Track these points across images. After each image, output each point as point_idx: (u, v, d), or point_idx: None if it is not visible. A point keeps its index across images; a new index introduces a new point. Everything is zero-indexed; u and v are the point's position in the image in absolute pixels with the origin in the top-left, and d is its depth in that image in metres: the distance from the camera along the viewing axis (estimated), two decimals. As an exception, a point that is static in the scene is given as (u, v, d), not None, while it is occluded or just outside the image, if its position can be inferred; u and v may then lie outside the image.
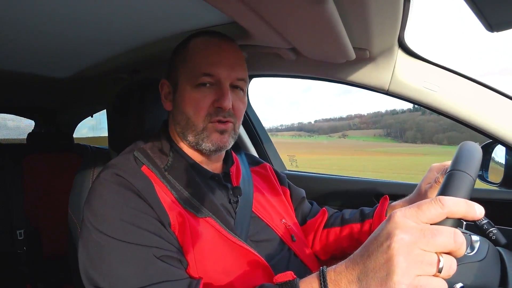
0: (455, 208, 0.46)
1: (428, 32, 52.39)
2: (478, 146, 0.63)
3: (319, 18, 0.72)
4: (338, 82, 1.20)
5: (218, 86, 0.85)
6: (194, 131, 0.86)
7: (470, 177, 0.53)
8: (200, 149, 0.88)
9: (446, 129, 37.55)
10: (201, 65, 0.84)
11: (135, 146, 0.89)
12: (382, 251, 0.46)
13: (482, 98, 1.00)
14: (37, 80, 1.59)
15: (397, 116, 59.65)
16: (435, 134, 50.24)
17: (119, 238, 0.69)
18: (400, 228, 0.46)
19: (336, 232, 1.07)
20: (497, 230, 0.98)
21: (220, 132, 0.86)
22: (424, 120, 29.91)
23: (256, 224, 0.93)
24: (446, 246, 0.45)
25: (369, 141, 57.73)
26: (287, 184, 1.18)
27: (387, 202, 1.01)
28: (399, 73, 1.05)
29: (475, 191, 1.21)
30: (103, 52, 1.23)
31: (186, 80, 0.86)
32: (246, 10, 0.73)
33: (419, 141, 51.47)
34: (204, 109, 0.85)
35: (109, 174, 0.78)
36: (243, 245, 0.81)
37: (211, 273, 0.76)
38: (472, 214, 0.46)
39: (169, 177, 0.83)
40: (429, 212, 0.46)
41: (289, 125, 61.89)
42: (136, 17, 0.94)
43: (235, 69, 0.87)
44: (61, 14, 0.90)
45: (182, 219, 0.77)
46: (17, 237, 1.94)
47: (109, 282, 0.67)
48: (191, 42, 0.89)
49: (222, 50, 0.87)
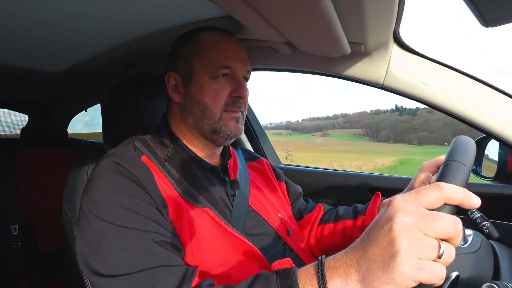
0: (453, 194, 0.46)
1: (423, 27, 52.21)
2: (472, 141, 0.64)
3: (314, 12, 0.72)
4: (333, 76, 1.20)
5: (233, 77, 0.90)
6: (211, 120, 0.89)
7: (465, 168, 0.54)
8: (215, 138, 0.91)
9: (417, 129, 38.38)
10: (220, 58, 0.89)
11: (135, 137, 0.89)
12: (384, 234, 0.47)
13: (476, 93, 1.01)
14: (30, 75, 1.57)
15: (376, 116, 61.06)
16: (406, 134, 51.43)
17: (117, 223, 0.69)
18: (400, 211, 0.46)
19: (330, 228, 1.08)
20: (490, 224, 0.99)
21: (236, 121, 0.91)
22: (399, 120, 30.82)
23: (252, 218, 0.93)
24: (446, 232, 0.45)
25: (347, 139, 58.55)
26: (284, 179, 1.19)
27: (379, 199, 1.02)
28: (394, 68, 1.05)
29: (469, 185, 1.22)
30: (97, 46, 1.22)
31: (203, 72, 0.89)
32: (241, 4, 0.73)
33: (391, 141, 52.59)
34: (222, 98, 0.88)
35: (108, 163, 0.78)
36: (239, 236, 0.82)
37: (207, 263, 0.76)
38: (469, 202, 0.47)
39: (169, 167, 0.84)
40: (428, 196, 0.47)
41: (277, 124, 62.63)
42: (130, 11, 0.93)
43: (245, 62, 0.93)
44: (54, 7, 0.89)
45: (181, 208, 0.77)
46: (12, 232, 1.93)
47: (108, 267, 0.67)
48: (201, 35, 0.92)
49: (235, 44, 0.93)
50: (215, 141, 0.92)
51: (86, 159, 1.09)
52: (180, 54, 0.94)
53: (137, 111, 1.06)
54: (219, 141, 0.92)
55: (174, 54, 0.95)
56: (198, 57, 0.90)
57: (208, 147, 0.95)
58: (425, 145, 40.93)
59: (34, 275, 1.97)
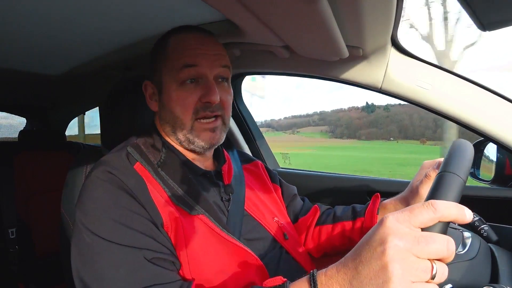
0: (447, 213, 0.46)
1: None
2: (470, 145, 0.63)
3: (312, 16, 0.72)
4: (331, 80, 1.20)
5: (203, 81, 0.85)
6: (183, 130, 0.86)
7: (460, 179, 0.53)
8: (192, 147, 0.88)
9: (368, 126, 38.72)
10: (182, 58, 0.84)
11: (128, 143, 0.88)
12: (376, 257, 0.46)
13: (474, 96, 1.01)
14: (28, 77, 1.57)
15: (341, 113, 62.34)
16: (358, 130, 52.26)
17: (110, 239, 0.68)
18: (393, 234, 0.46)
19: (328, 229, 1.07)
20: (489, 227, 0.99)
21: (211, 130, 0.87)
22: (354, 117, 30.81)
23: (248, 223, 0.92)
24: (439, 254, 0.45)
25: (311, 136, 59.43)
26: (279, 181, 1.18)
27: (379, 200, 1.02)
28: (392, 71, 1.06)
29: (467, 188, 1.22)
30: (95, 50, 1.22)
31: (170, 79, 0.85)
32: (239, 8, 0.73)
33: (345, 137, 53.60)
34: (191, 106, 0.84)
35: (100, 172, 0.77)
36: (236, 242, 0.81)
37: (204, 271, 0.76)
38: (462, 218, 0.47)
39: (162, 173, 0.83)
40: (421, 216, 0.46)
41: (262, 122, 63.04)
42: (128, 15, 0.93)
43: (218, 57, 0.87)
44: (53, 12, 0.89)
45: (175, 218, 0.76)
46: (9, 236, 1.92)
47: (99, 285, 0.67)
48: (170, 38, 0.88)
49: (203, 41, 0.86)
50: (193, 150, 0.90)
51: (84, 162, 1.09)
52: (153, 61, 0.91)
53: (135, 115, 1.05)
54: (196, 150, 0.90)
55: (150, 62, 0.93)
56: (165, 61, 0.87)
57: (194, 152, 0.92)
58: (371, 140, 42.00)
59: (31, 278, 1.96)
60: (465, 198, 0.98)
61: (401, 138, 10.06)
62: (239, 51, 1.17)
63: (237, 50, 1.16)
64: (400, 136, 10.16)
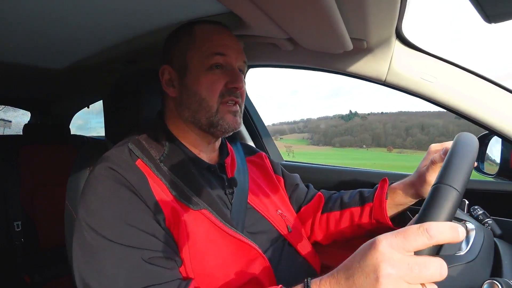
0: (441, 237, 0.46)
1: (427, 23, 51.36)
2: (474, 143, 0.62)
3: (316, 8, 0.72)
4: (335, 72, 1.20)
5: (229, 68, 0.90)
6: (208, 112, 0.88)
7: (456, 193, 0.52)
8: (212, 131, 0.90)
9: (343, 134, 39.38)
10: (213, 46, 0.88)
11: (130, 138, 0.88)
12: (369, 283, 0.47)
13: (479, 89, 1.00)
14: (32, 71, 1.57)
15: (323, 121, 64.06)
16: (333, 138, 53.08)
17: (110, 238, 0.69)
18: (386, 261, 0.46)
19: (336, 216, 1.07)
20: (493, 221, 0.98)
21: (233, 114, 0.90)
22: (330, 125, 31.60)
23: (252, 216, 0.93)
24: (431, 279, 0.46)
25: (292, 143, 60.53)
26: (281, 172, 1.18)
27: (387, 185, 1.01)
28: (396, 64, 1.05)
29: (471, 182, 1.21)
30: (99, 43, 1.22)
31: (198, 63, 0.88)
32: (242, 0, 0.73)
33: (321, 144, 54.47)
34: (218, 90, 0.88)
35: (103, 168, 0.78)
36: (239, 236, 0.81)
37: (207, 266, 0.76)
38: (456, 239, 0.47)
39: (164, 168, 0.83)
40: (415, 243, 0.46)
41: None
42: (131, 7, 0.92)
43: (241, 53, 0.93)
44: (56, 4, 0.89)
45: (176, 214, 0.77)
46: (15, 228, 1.94)
47: (98, 282, 0.68)
48: (196, 28, 0.92)
49: (229, 35, 0.93)
50: (212, 133, 0.91)
51: (88, 156, 1.09)
52: (175, 47, 0.93)
53: (138, 107, 1.06)
54: (216, 134, 0.91)
55: (168, 48, 0.95)
56: (192, 48, 0.90)
57: (205, 141, 0.94)
58: (344, 147, 42.75)
59: (36, 270, 1.98)
60: (469, 192, 0.98)
61: (374, 145, 10.22)
62: (242, 43, 1.16)
63: (241, 43, 1.16)
64: (373, 144, 10.31)
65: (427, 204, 0.52)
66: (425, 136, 17.01)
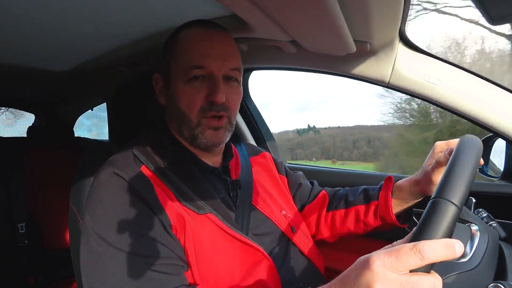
0: (435, 257, 0.45)
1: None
2: (476, 152, 0.59)
3: (319, 10, 0.72)
4: (339, 75, 1.20)
5: (210, 79, 0.83)
6: (189, 126, 0.85)
7: (455, 208, 0.50)
8: (195, 144, 0.88)
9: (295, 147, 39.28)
10: (191, 58, 0.82)
11: (134, 143, 0.87)
12: None
13: (483, 91, 1.00)
14: (36, 74, 1.59)
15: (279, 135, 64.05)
16: (285, 151, 53.36)
17: (115, 245, 0.69)
18: (379, 281, 0.46)
19: (341, 215, 1.07)
20: (497, 223, 0.98)
21: (214, 129, 0.85)
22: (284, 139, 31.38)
23: (256, 217, 0.92)
24: None
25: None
26: (285, 171, 1.17)
27: (392, 183, 1.00)
28: (399, 66, 1.05)
29: (475, 185, 1.21)
30: (103, 45, 1.22)
31: (178, 75, 0.84)
32: (246, 2, 0.73)
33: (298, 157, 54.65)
34: (197, 104, 0.83)
35: (108, 174, 0.77)
36: (244, 239, 0.81)
37: (213, 270, 0.76)
38: (452, 256, 0.46)
39: (169, 173, 0.82)
40: (408, 263, 0.46)
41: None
42: (135, 10, 0.93)
43: (227, 59, 0.84)
44: (60, 7, 0.90)
45: (182, 219, 0.76)
46: (19, 230, 1.95)
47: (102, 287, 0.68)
48: (180, 34, 0.87)
49: (213, 40, 0.84)
50: (196, 146, 0.89)
51: (92, 158, 1.10)
52: (164, 55, 0.90)
53: (143, 110, 1.06)
54: (200, 147, 0.88)
55: (162, 54, 0.92)
56: (174, 57, 0.86)
57: (201, 149, 0.91)
58: (296, 160, 42.61)
59: (40, 272, 1.99)
60: (473, 194, 0.97)
61: (324, 158, 10.25)
62: (246, 46, 1.16)
63: (244, 45, 1.16)
64: (322, 157, 10.34)
65: (423, 220, 0.50)
66: (370, 149, 17.00)
